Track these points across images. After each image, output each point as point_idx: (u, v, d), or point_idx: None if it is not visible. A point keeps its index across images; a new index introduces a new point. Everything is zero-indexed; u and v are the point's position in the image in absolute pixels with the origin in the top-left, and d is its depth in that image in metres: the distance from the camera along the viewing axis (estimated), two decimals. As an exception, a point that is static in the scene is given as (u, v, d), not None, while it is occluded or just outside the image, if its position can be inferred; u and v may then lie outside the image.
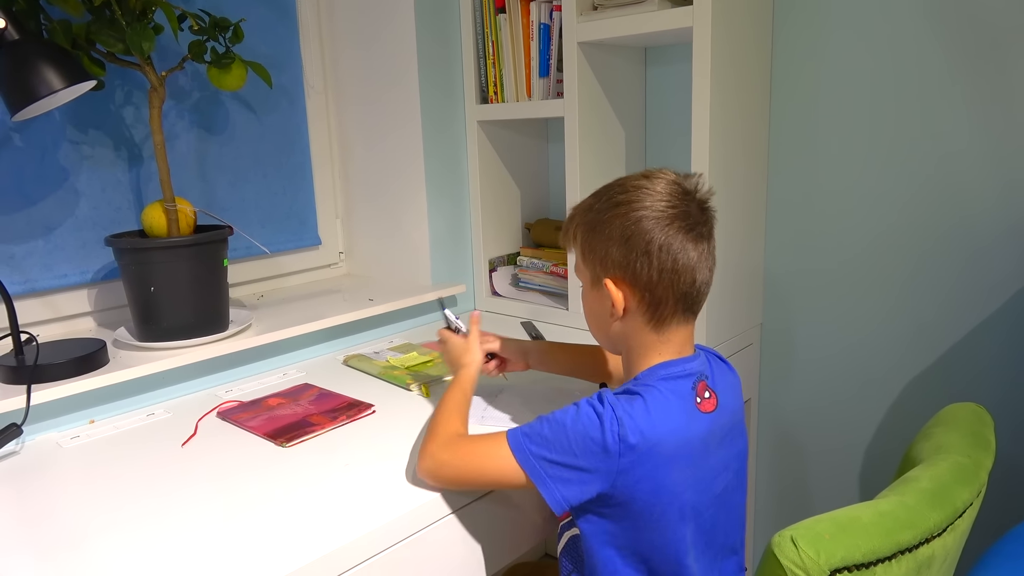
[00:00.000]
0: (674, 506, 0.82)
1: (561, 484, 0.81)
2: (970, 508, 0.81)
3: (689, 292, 0.84)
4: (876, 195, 1.39)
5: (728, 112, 1.34)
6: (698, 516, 0.85)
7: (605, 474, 0.79)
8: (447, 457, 0.87)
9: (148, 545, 0.81)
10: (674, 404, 0.82)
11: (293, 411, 1.16)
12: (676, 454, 0.80)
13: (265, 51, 1.57)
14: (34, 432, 1.11)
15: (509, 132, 1.72)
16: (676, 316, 0.85)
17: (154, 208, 1.25)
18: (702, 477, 0.84)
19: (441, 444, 0.89)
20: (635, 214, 0.83)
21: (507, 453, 0.83)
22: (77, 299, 1.36)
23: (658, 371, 0.85)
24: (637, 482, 0.79)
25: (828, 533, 0.69)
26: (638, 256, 0.83)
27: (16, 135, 1.26)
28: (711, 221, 0.86)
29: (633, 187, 0.85)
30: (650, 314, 0.85)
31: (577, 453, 0.80)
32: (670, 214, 0.82)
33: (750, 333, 1.54)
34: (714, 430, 0.85)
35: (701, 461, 0.83)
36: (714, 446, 0.85)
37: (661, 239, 0.82)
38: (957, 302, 1.34)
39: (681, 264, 0.82)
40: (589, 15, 1.42)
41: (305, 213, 1.71)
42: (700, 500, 0.84)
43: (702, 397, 0.85)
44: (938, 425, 0.93)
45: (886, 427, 1.46)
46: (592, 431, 0.79)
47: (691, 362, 0.87)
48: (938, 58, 1.29)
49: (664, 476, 0.80)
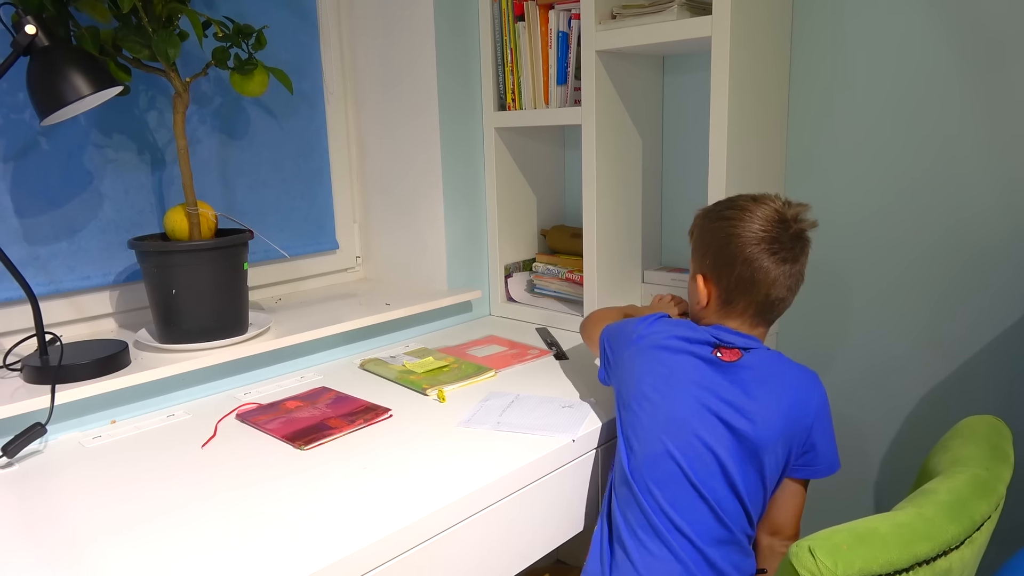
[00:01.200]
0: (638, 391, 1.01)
1: (604, 363, 1.13)
2: (988, 521, 0.81)
3: (762, 302, 1.02)
4: (894, 206, 1.39)
5: (746, 121, 1.34)
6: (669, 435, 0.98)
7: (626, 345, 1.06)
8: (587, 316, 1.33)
9: (167, 545, 0.82)
10: (686, 330, 1.03)
11: (311, 414, 1.17)
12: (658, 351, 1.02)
13: (286, 57, 1.59)
14: (57, 432, 1.12)
15: (526, 139, 1.73)
16: (747, 317, 1.04)
17: (176, 212, 1.27)
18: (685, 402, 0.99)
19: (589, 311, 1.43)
20: (732, 231, 1.01)
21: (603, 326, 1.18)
22: (99, 300, 1.38)
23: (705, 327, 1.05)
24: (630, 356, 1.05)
25: (846, 544, 0.69)
26: (724, 266, 1.02)
27: (43, 139, 1.28)
28: (800, 248, 1.01)
29: (740, 207, 1.02)
30: (723, 307, 1.05)
31: (623, 328, 1.10)
32: (760, 236, 0.99)
33: (766, 342, 1.54)
34: (730, 376, 0.99)
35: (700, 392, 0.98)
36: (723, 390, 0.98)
37: (744, 256, 1.00)
38: (975, 314, 1.33)
39: (758, 279, 1.00)
40: (608, 24, 1.43)
41: (323, 217, 1.72)
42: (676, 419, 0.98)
43: (722, 352, 1.01)
44: (956, 437, 0.93)
45: (901, 438, 1.46)
46: (639, 321, 1.08)
47: (730, 335, 1.02)
48: (956, 68, 1.28)
49: (643, 359, 1.03)
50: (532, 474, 1.01)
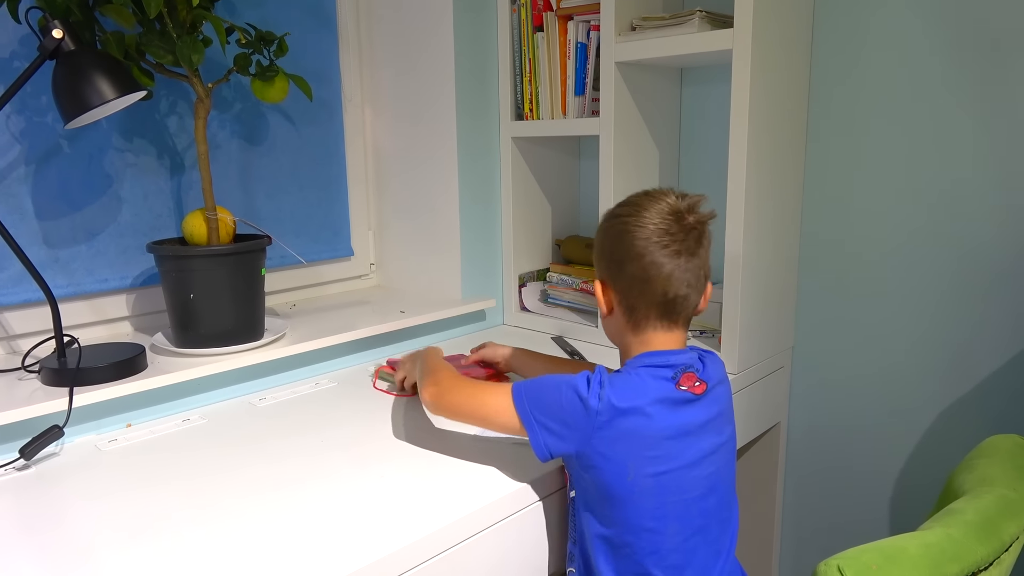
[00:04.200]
0: (639, 476, 0.87)
1: (546, 432, 0.91)
2: (1016, 542, 0.80)
3: (662, 302, 0.92)
4: (914, 220, 1.38)
5: (765, 134, 1.34)
6: (674, 489, 0.89)
7: (584, 430, 0.88)
8: (452, 387, 1.00)
9: (181, 550, 0.81)
10: (651, 385, 0.89)
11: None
12: (645, 429, 0.87)
13: (306, 64, 1.60)
14: (73, 434, 1.12)
15: (542, 148, 1.73)
16: (652, 321, 0.94)
17: (195, 216, 1.27)
18: (680, 453, 0.89)
19: (447, 378, 1.01)
20: (621, 227, 0.93)
21: (507, 397, 0.94)
22: (117, 303, 1.38)
23: (643, 359, 0.93)
24: (611, 443, 0.87)
25: (875, 564, 0.68)
26: (617, 265, 0.94)
27: (65, 142, 1.29)
28: (695, 240, 0.93)
29: (630, 203, 0.95)
30: (627, 316, 0.95)
31: (564, 407, 0.89)
32: (650, 230, 0.91)
33: (782, 356, 1.53)
34: (701, 416, 0.91)
35: (682, 438, 0.89)
36: (702, 431, 0.91)
37: (635, 252, 0.91)
38: (994, 328, 1.32)
39: (652, 275, 0.91)
40: (628, 35, 1.43)
41: (338, 224, 1.73)
42: (674, 474, 0.89)
43: (688, 385, 0.91)
44: (981, 457, 0.92)
45: (919, 455, 1.44)
46: (581, 388, 0.89)
47: (676, 355, 0.93)
48: (980, 83, 1.28)
49: (628, 446, 0.87)
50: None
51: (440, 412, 1.01)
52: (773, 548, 1.65)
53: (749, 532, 1.67)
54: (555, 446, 0.90)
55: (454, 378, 1.02)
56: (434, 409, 1.01)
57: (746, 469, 1.65)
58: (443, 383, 1.01)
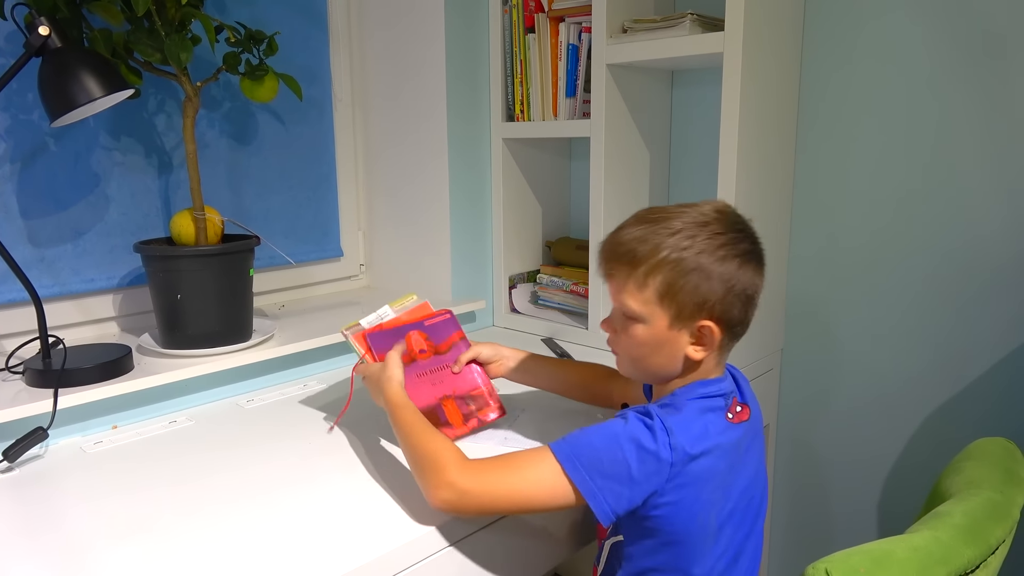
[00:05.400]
0: (710, 519, 0.82)
1: (612, 496, 0.79)
2: (1003, 545, 0.80)
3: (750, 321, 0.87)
4: (903, 224, 1.39)
5: (756, 137, 1.34)
6: (726, 521, 0.85)
7: (655, 482, 0.79)
8: (472, 483, 0.80)
9: (167, 552, 0.81)
10: (711, 421, 0.83)
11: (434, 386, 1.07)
12: (713, 470, 0.81)
13: (296, 63, 1.59)
14: (58, 436, 1.11)
15: (533, 150, 1.73)
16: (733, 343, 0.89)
17: (183, 216, 1.26)
18: (740, 486, 0.85)
19: (458, 471, 0.81)
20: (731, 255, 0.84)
21: (554, 469, 0.79)
22: (103, 303, 1.37)
23: (695, 390, 0.86)
24: (680, 489, 0.79)
25: (863, 567, 0.68)
26: (735, 297, 0.83)
27: (51, 140, 1.28)
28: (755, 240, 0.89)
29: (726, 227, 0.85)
30: (727, 343, 0.87)
31: (631, 463, 0.78)
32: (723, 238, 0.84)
33: (771, 358, 1.54)
34: (747, 439, 0.87)
35: (739, 469, 0.85)
36: (746, 453, 0.87)
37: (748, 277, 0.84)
38: (983, 332, 1.33)
39: (753, 294, 0.86)
40: (619, 38, 1.43)
41: (328, 224, 1.72)
42: (737, 507, 0.85)
43: (734, 412, 0.86)
44: (968, 460, 0.92)
45: (908, 458, 1.45)
46: (645, 440, 0.79)
47: (723, 383, 0.88)
48: (971, 89, 1.29)
49: (701, 490, 0.80)
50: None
51: (468, 513, 0.83)
52: (763, 551, 1.65)
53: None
54: (622, 506, 0.79)
55: (468, 467, 0.82)
56: (457, 511, 0.82)
57: (735, 471, 1.65)
58: (458, 482, 0.80)
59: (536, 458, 0.81)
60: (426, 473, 0.83)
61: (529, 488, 0.80)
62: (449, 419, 1.06)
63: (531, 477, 0.80)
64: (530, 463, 0.81)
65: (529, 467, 0.80)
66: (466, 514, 0.83)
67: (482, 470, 0.81)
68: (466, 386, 1.11)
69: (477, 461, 0.83)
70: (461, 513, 0.83)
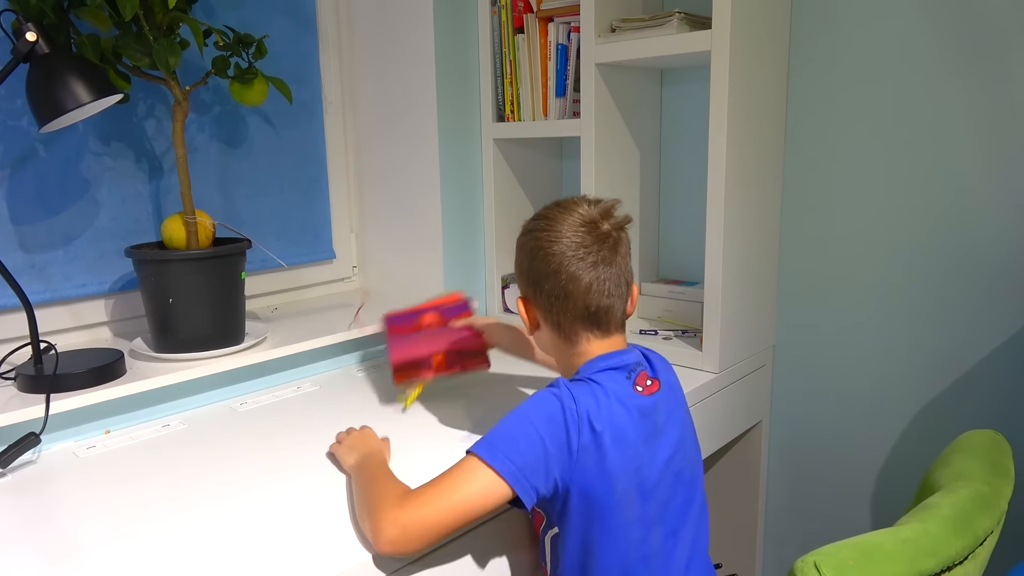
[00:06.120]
0: (628, 488, 0.85)
1: (532, 474, 0.81)
2: (990, 536, 0.81)
3: (586, 315, 0.90)
4: (893, 221, 1.40)
5: (744, 134, 1.35)
6: (651, 493, 0.88)
7: (568, 452, 0.82)
8: (410, 514, 0.78)
9: (160, 556, 0.81)
10: (616, 390, 0.87)
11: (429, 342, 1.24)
12: (621, 435, 0.85)
13: (286, 66, 1.59)
14: (51, 441, 1.11)
15: (524, 149, 1.73)
16: (584, 334, 0.92)
17: (174, 220, 1.26)
18: (662, 456, 0.89)
19: (394, 506, 0.79)
20: (535, 244, 0.92)
21: (481, 470, 0.80)
22: (95, 308, 1.37)
23: (596, 364, 0.91)
24: (591, 455, 0.83)
25: (852, 560, 0.69)
26: (534, 283, 0.92)
27: (40, 146, 1.28)
28: (613, 247, 0.91)
29: (543, 216, 0.93)
30: (556, 332, 0.94)
31: (543, 436, 0.82)
32: (564, 244, 0.89)
33: (763, 354, 1.54)
34: (663, 411, 0.91)
35: (658, 440, 0.89)
36: (665, 425, 0.91)
37: (551, 268, 0.89)
38: (973, 327, 1.34)
39: (571, 290, 0.89)
40: (607, 37, 1.43)
41: (320, 227, 1.72)
42: (663, 479, 0.89)
43: (644, 385, 0.90)
44: (957, 452, 0.93)
45: (900, 452, 1.46)
46: (553, 411, 0.83)
47: (624, 355, 0.92)
48: (960, 83, 1.30)
49: (614, 455, 0.84)
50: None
51: (415, 548, 0.79)
52: (756, 545, 1.66)
53: (732, 529, 1.68)
54: (543, 482, 0.82)
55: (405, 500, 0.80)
56: (403, 549, 0.78)
57: (729, 467, 1.66)
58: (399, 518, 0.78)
59: (463, 468, 0.82)
60: (373, 519, 0.80)
61: (468, 498, 0.80)
62: (432, 364, 1.21)
63: (465, 487, 0.80)
64: (460, 475, 0.81)
65: (461, 479, 0.81)
66: (413, 550, 0.79)
67: (418, 501, 0.80)
68: (463, 343, 1.25)
69: (411, 493, 0.82)
70: (409, 546, 0.78)
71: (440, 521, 0.79)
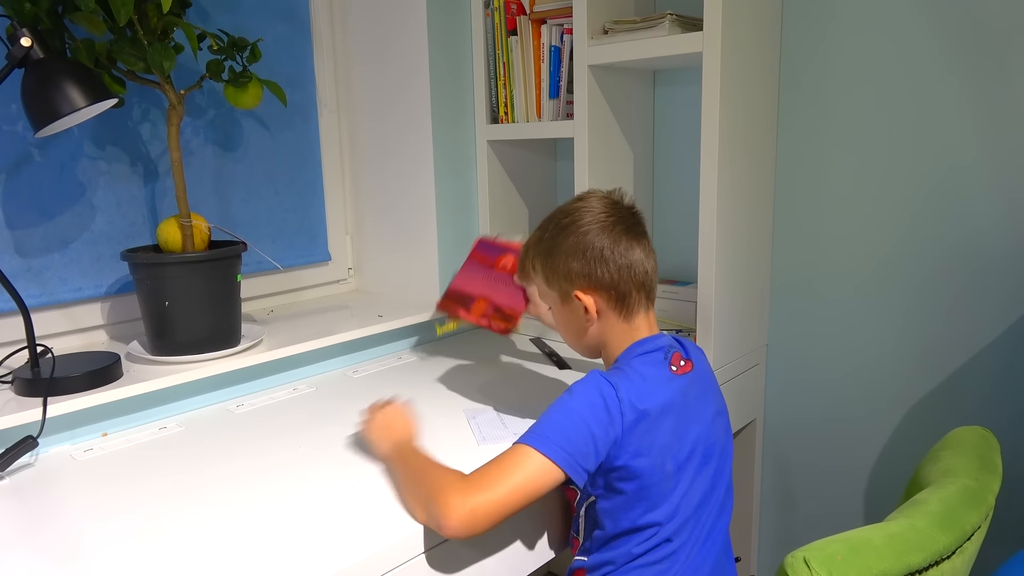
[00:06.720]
0: (666, 463, 0.91)
1: (582, 457, 0.87)
2: (978, 531, 0.82)
3: (644, 282, 0.98)
4: (885, 219, 1.41)
5: (736, 134, 1.36)
6: (683, 467, 0.93)
7: (613, 434, 0.88)
8: (477, 498, 0.82)
9: (159, 559, 0.81)
10: (651, 374, 0.93)
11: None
12: (662, 416, 0.91)
13: (281, 69, 1.60)
14: (48, 444, 1.11)
15: (518, 150, 1.74)
16: (640, 304, 0.99)
17: (169, 223, 1.27)
18: (695, 431, 0.94)
19: (459, 491, 0.83)
20: (582, 230, 0.97)
21: (535, 456, 0.86)
22: (91, 312, 1.37)
23: (633, 350, 0.97)
24: (634, 436, 0.89)
25: (840, 555, 0.70)
26: (596, 263, 0.96)
27: (36, 151, 1.28)
28: (643, 223, 1.01)
29: (572, 210, 1.00)
30: (619, 308, 0.98)
31: (590, 423, 0.87)
32: (610, 222, 0.97)
33: (756, 353, 1.55)
34: (697, 389, 0.97)
35: (692, 416, 0.95)
36: (699, 401, 0.97)
37: (610, 243, 0.96)
38: (963, 325, 1.35)
39: (633, 259, 0.97)
40: (600, 39, 1.44)
41: (315, 229, 1.72)
42: (695, 451, 0.94)
43: (677, 365, 0.96)
44: (945, 448, 0.94)
45: (891, 449, 1.47)
46: (596, 400, 0.89)
47: (659, 339, 0.99)
48: (948, 82, 1.31)
49: (655, 435, 0.90)
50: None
51: (483, 528, 0.83)
52: (752, 541, 1.67)
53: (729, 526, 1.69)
54: (592, 463, 0.87)
55: (467, 485, 0.84)
56: (473, 530, 0.82)
57: (724, 465, 1.67)
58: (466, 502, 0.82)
59: (518, 454, 0.87)
60: (435, 503, 0.84)
61: (527, 480, 0.85)
62: (471, 308, 1.30)
63: (522, 473, 0.85)
64: (516, 461, 0.86)
65: (517, 465, 0.86)
66: (481, 530, 0.83)
67: (482, 484, 0.84)
68: (507, 301, 1.31)
69: (471, 478, 0.86)
70: (478, 532, 0.83)
71: (505, 502, 0.84)
